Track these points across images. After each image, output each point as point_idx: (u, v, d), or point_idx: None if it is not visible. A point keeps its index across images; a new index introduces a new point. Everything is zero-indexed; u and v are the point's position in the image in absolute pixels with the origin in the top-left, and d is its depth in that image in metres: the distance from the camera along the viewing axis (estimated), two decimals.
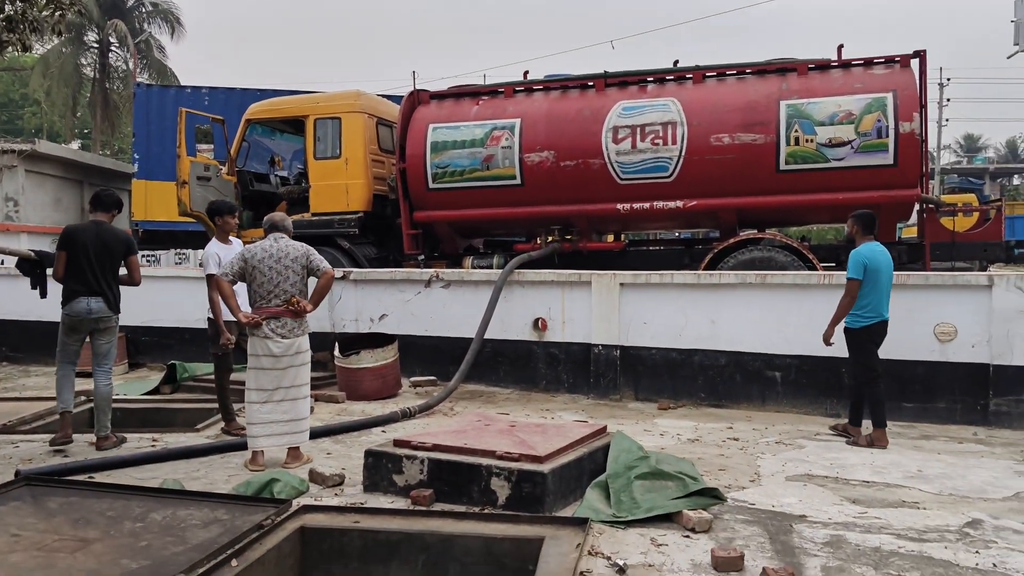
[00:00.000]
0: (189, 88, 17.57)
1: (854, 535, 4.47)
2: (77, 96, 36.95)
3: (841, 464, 6.10)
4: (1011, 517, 4.83)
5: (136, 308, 10.72)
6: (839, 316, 6.84)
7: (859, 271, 6.72)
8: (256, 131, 12.93)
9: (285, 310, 5.92)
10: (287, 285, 5.93)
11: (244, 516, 4.42)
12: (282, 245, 6.02)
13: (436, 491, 4.95)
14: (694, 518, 4.50)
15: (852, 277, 6.74)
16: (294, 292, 5.95)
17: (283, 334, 5.94)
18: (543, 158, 10.73)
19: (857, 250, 6.86)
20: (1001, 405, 7.48)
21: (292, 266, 5.95)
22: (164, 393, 8.95)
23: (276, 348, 5.92)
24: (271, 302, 5.93)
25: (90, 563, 3.79)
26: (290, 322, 5.96)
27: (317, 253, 6.14)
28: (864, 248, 6.84)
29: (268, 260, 5.93)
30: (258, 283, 5.95)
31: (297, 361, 6.01)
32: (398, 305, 9.88)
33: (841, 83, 10.01)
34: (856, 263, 6.75)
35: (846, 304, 6.78)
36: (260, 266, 5.92)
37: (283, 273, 5.93)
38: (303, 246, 6.09)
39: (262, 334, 5.93)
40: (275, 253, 5.96)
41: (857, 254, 6.80)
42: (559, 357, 9.18)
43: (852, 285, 6.75)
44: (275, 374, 5.93)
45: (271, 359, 5.93)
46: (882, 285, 6.80)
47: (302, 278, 6.02)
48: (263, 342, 5.93)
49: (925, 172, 10.09)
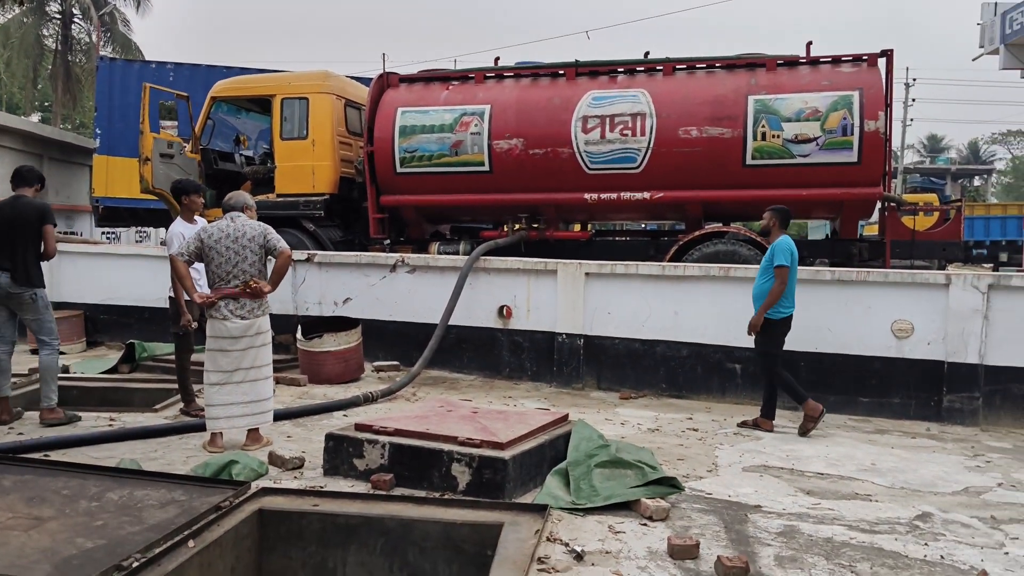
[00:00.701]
0: (154, 63, 17.21)
1: (807, 526, 4.55)
2: (38, 68, 36.17)
3: (797, 456, 6.20)
4: (959, 511, 4.95)
5: (95, 286, 10.62)
6: (770, 303, 6.99)
7: (787, 257, 6.96)
8: (221, 109, 12.75)
9: (243, 291, 5.86)
10: (245, 265, 5.86)
11: (202, 497, 4.39)
12: (239, 224, 5.93)
13: (397, 476, 4.96)
14: (652, 507, 4.55)
15: (782, 264, 6.95)
16: (252, 273, 5.87)
17: (241, 315, 5.87)
18: (512, 145, 10.72)
19: (782, 239, 7.09)
20: (954, 402, 7.65)
21: (249, 245, 5.87)
22: (122, 372, 8.83)
23: (234, 329, 5.85)
24: (229, 282, 5.86)
25: (44, 541, 3.73)
26: (248, 303, 5.89)
27: (275, 233, 6.04)
28: (787, 239, 7.10)
29: (225, 240, 5.85)
30: (216, 264, 5.87)
31: (257, 342, 5.93)
32: (363, 289, 9.84)
33: (809, 80, 10.12)
34: (784, 251, 6.98)
35: (778, 292, 6.95)
36: (217, 246, 5.84)
37: (240, 253, 5.85)
38: (261, 225, 6.00)
39: (220, 315, 5.85)
40: (232, 233, 5.87)
41: (784, 243, 7.04)
42: (523, 345, 9.20)
43: (783, 272, 6.95)
44: (234, 355, 5.87)
45: (229, 340, 5.86)
46: (795, 278, 7.12)
47: (260, 258, 5.94)
48: (221, 323, 5.86)
49: (888, 171, 10.24)
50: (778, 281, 6.95)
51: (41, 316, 6.58)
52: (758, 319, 7.03)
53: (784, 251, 6.98)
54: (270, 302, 6.14)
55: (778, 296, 6.95)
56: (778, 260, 6.96)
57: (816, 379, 8.04)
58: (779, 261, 6.95)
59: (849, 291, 7.96)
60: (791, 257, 6.98)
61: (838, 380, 8.00)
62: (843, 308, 7.97)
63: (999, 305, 7.54)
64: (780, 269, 6.94)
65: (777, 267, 6.95)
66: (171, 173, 11.26)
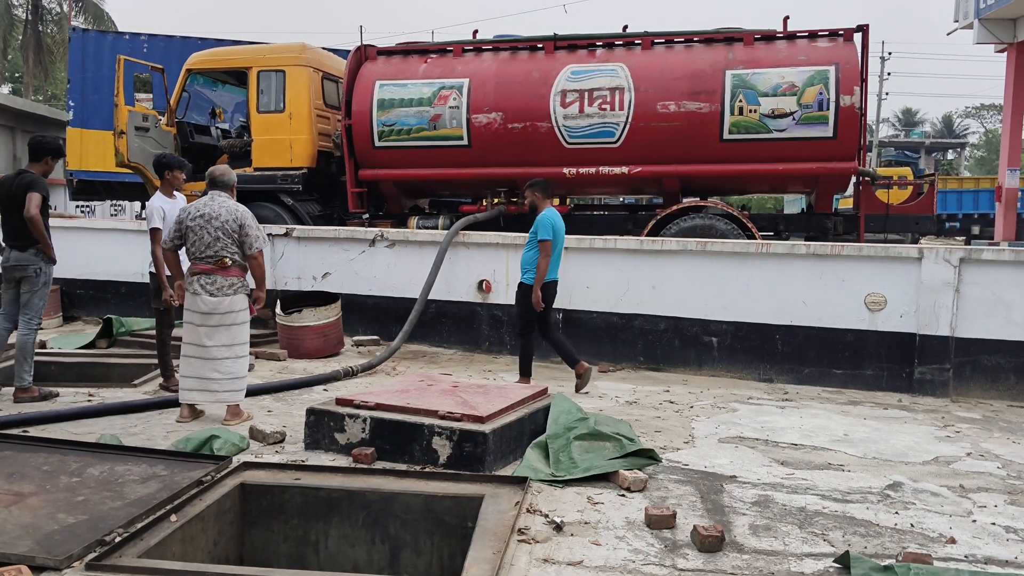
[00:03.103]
0: (127, 34, 16.92)
1: (781, 495, 4.65)
2: (8, 38, 35.52)
3: (771, 427, 6.31)
4: (929, 480, 5.07)
5: (71, 261, 10.51)
6: (541, 277, 7.29)
7: (549, 232, 7.28)
8: (197, 81, 12.61)
9: (215, 267, 5.87)
10: (218, 247, 5.87)
11: (183, 472, 4.42)
12: (215, 206, 5.93)
13: (378, 450, 5.00)
14: (630, 478, 4.63)
15: (545, 238, 7.26)
16: (225, 255, 5.89)
17: (212, 292, 5.87)
18: (491, 119, 10.70)
19: (544, 214, 7.39)
20: (925, 373, 7.79)
21: (224, 228, 5.87)
22: (100, 347, 8.79)
23: (204, 306, 5.88)
24: (203, 260, 5.90)
25: (25, 517, 3.75)
26: (220, 279, 5.89)
27: (253, 223, 6.03)
28: (550, 212, 7.44)
29: (200, 220, 5.88)
30: (191, 242, 5.91)
31: (228, 320, 5.92)
32: (342, 264, 9.82)
33: (785, 55, 10.16)
34: (545, 225, 7.29)
35: (544, 264, 7.27)
36: (193, 225, 5.88)
37: (214, 234, 5.86)
38: (239, 212, 5.96)
39: (192, 289, 5.92)
40: (208, 214, 5.88)
41: (545, 217, 7.35)
42: (502, 319, 9.25)
43: (547, 245, 7.27)
44: (205, 330, 5.89)
45: (200, 316, 5.90)
46: (559, 247, 7.47)
47: (234, 241, 5.92)
48: (193, 299, 5.92)
49: (863, 145, 10.33)
50: (542, 254, 7.28)
51: (35, 292, 6.54)
52: (536, 294, 7.29)
53: (547, 225, 7.30)
54: (245, 280, 6.10)
55: (546, 268, 7.29)
56: (541, 235, 7.29)
57: (791, 351, 8.17)
58: (542, 235, 7.28)
59: (824, 265, 8.06)
60: (552, 229, 7.30)
61: (812, 352, 8.12)
62: (818, 281, 8.07)
63: (970, 279, 7.67)
64: (543, 243, 7.27)
65: (541, 241, 7.28)
66: (146, 146, 11.16)
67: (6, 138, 19.69)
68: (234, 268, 5.93)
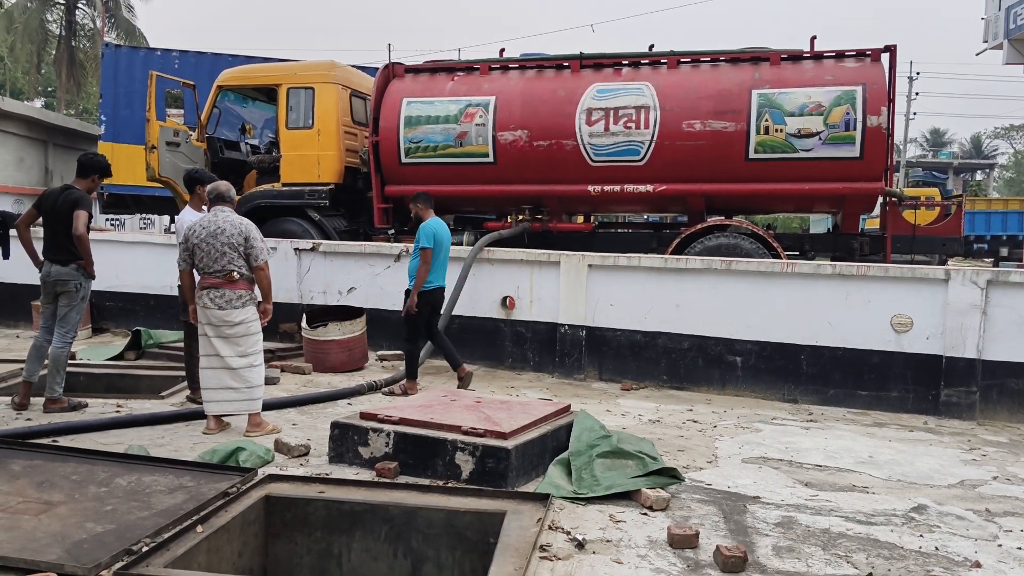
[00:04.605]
0: (159, 50, 17.22)
1: (805, 517, 4.62)
2: (42, 53, 36.12)
3: (796, 448, 6.27)
4: (954, 503, 5.02)
5: (101, 272, 10.56)
6: (419, 284, 7.67)
7: (430, 240, 7.68)
8: (228, 98, 12.78)
9: (223, 281, 6.00)
10: (224, 261, 6.00)
11: (209, 483, 4.47)
12: (220, 220, 6.08)
13: (401, 464, 5.03)
14: (652, 496, 4.62)
15: (426, 246, 7.66)
16: (232, 268, 6.01)
17: (221, 305, 6.01)
18: (516, 137, 10.76)
19: (426, 223, 7.81)
20: (952, 396, 7.71)
21: (229, 242, 6.00)
22: (128, 359, 8.90)
23: (213, 318, 6.02)
24: (211, 275, 6.04)
25: (55, 526, 3.82)
26: (228, 292, 6.02)
27: (258, 235, 6.17)
28: (432, 221, 7.86)
29: (205, 235, 6.03)
30: (198, 258, 6.07)
31: (239, 332, 6.05)
32: (367, 279, 9.90)
33: (812, 75, 10.14)
34: (427, 234, 7.70)
35: (424, 272, 7.66)
36: (199, 242, 6.04)
37: (220, 249, 6.00)
38: (243, 225, 6.09)
39: (202, 303, 6.06)
40: (213, 229, 6.03)
41: (427, 227, 7.77)
42: (526, 335, 9.27)
43: (427, 254, 7.67)
44: (217, 342, 6.04)
45: (213, 328, 6.05)
46: (443, 255, 7.85)
47: (240, 254, 6.05)
48: (204, 312, 6.07)
49: (890, 165, 10.27)
50: (422, 261, 7.67)
51: (73, 306, 6.65)
52: (413, 300, 7.68)
53: (428, 234, 7.70)
54: (252, 293, 6.20)
55: (425, 275, 7.67)
56: (422, 243, 7.69)
57: (816, 372, 8.12)
58: (422, 244, 7.69)
59: (850, 285, 8.02)
60: (434, 238, 7.70)
61: (838, 373, 8.06)
62: (843, 302, 8.02)
63: (997, 301, 7.60)
64: (424, 251, 7.67)
65: (421, 249, 7.68)
66: (177, 161, 11.31)
67: (38, 151, 20.00)
68: (242, 281, 6.06)
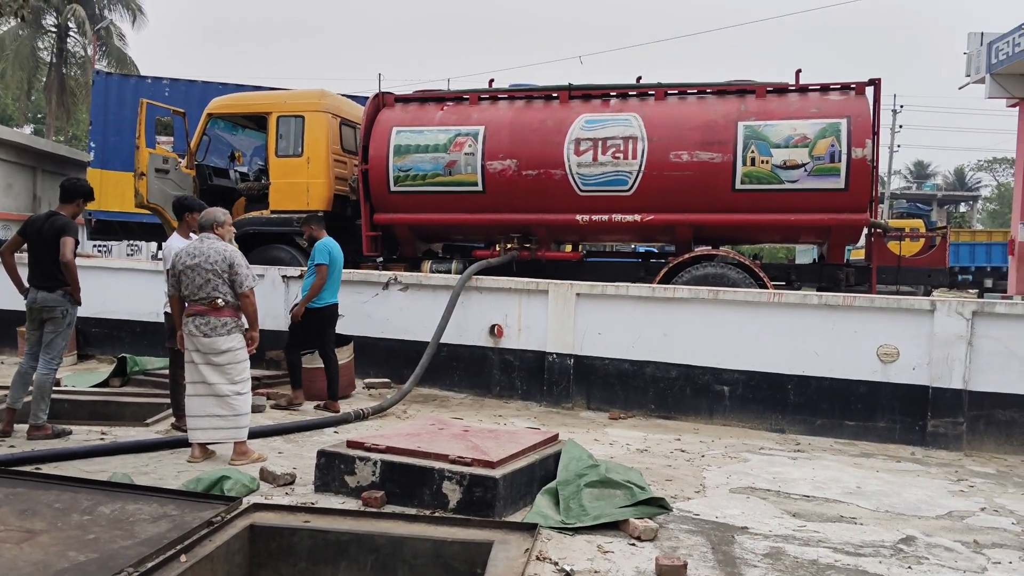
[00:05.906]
0: (150, 78, 17.27)
1: (793, 547, 4.61)
2: (32, 80, 36.18)
3: (784, 478, 6.27)
4: (943, 535, 5.02)
5: (87, 299, 10.54)
6: (311, 296, 8.14)
7: (325, 257, 8.17)
8: (217, 125, 12.80)
9: (208, 308, 5.99)
10: (209, 288, 5.99)
11: (194, 512, 4.42)
12: (205, 247, 6.07)
13: (388, 493, 4.99)
14: (640, 526, 4.60)
15: (321, 263, 8.15)
16: (217, 295, 5.99)
17: (205, 332, 5.99)
18: (505, 166, 10.82)
19: (322, 242, 8.31)
20: (938, 426, 7.73)
21: (214, 268, 5.99)
22: (113, 386, 8.83)
23: (200, 345, 6.00)
24: (197, 302, 6.03)
25: (36, 555, 3.76)
26: (213, 319, 6.00)
27: (243, 262, 6.15)
28: (327, 240, 8.36)
29: (190, 261, 6.03)
30: (184, 285, 6.06)
31: (224, 360, 6.03)
32: (355, 306, 9.88)
33: (798, 107, 10.26)
34: (322, 251, 8.20)
35: (318, 286, 8.12)
36: (184, 269, 6.04)
37: (204, 276, 5.99)
38: (228, 252, 6.08)
39: (188, 331, 6.05)
40: (197, 256, 6.03)
41: (323, 245, 8.27)
42: (514, 364, 9.26)
43: (323, 270, 8.15)
44: (204, 369, 6.01)
45: (198, 354, 6.03)
46: (336, 273, 8.33)
47: (225, 281, 6.03)
48: (190, 339, 6.05)
49: (875, 197, 10.37)
50: (318, 277, 8.12)
51: (59, 332, 6.61)
52: (300, 309, 8.16)
53: (323, 251, 8.19)
54: (237, 321, 6.17)
55: (318, 289, 8.12)
56: (318, 259, 8.17)
57: (803, 402, 8.14)
58: (318, 260, 8.16)
59: (836, 315, 8.06)
60: (329, 255, 8.18)
61: (824, 403, 8.08)
62: (830, 332, 8.06)
63: (983, 331, 7.65)
64: (320, 267, 8.13)
65: (317, 265, 8.15)
66: (166, 188, 11.31)
67: (27, 177, 19.98)
68: (227, 309, 6.04)
